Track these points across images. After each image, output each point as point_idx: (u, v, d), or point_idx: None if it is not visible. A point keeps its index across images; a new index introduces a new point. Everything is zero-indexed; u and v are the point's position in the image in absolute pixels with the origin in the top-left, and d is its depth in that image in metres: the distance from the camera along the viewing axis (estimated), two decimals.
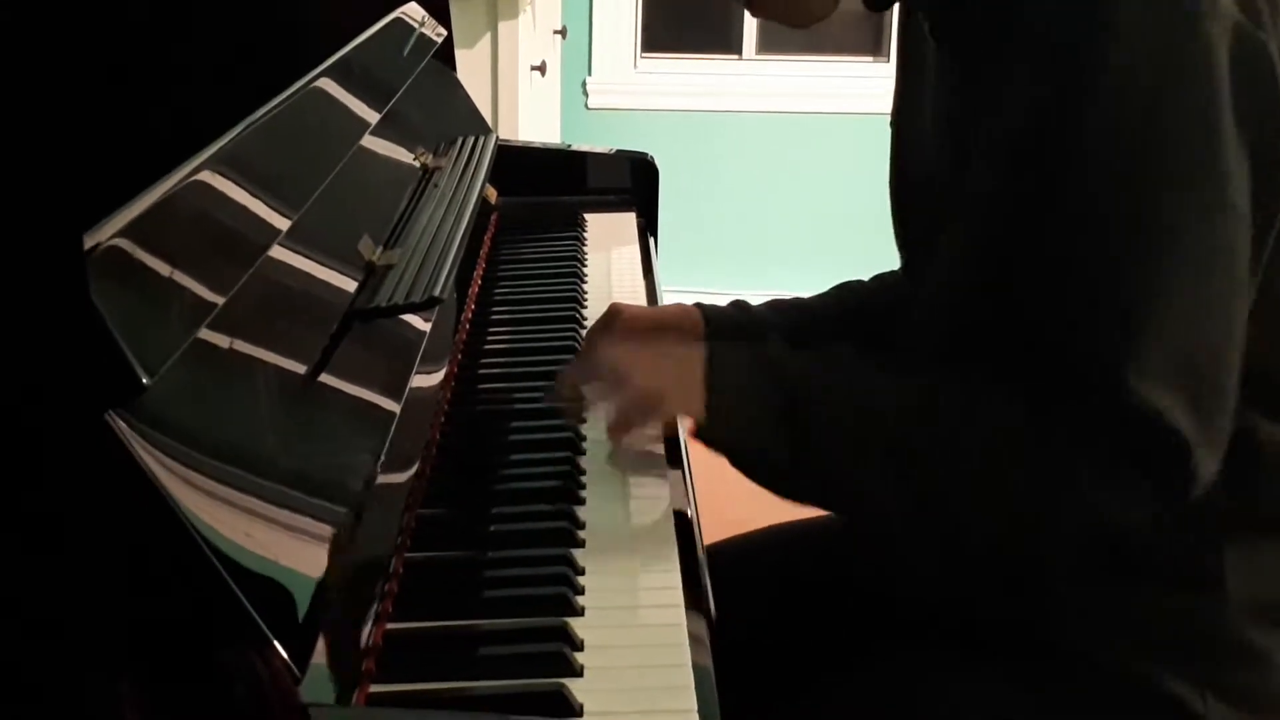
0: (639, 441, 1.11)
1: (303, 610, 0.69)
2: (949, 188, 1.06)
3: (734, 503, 1.93)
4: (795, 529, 1.36)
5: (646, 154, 1.83)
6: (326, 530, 0.76)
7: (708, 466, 1.17)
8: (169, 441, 0.66)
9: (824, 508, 1.12)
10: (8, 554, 0.65)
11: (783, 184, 3.95)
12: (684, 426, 1.16)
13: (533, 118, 2.73)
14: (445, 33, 1.78)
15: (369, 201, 1.20)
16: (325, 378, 0.89)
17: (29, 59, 0.68)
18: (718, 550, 1.32)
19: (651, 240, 1.74)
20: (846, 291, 1.36)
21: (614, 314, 1.28)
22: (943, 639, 1.12)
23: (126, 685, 0.65)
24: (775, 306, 1.34)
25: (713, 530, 1.13)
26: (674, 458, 1.12)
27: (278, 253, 0.90)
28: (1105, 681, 1.04)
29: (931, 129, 1.12)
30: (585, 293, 1.50)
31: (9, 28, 0.66)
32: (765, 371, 1.05)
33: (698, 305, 1.33)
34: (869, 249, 1.40)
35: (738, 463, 1.07)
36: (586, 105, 3.88)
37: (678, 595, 0.91)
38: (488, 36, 2.45)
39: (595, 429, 1.14)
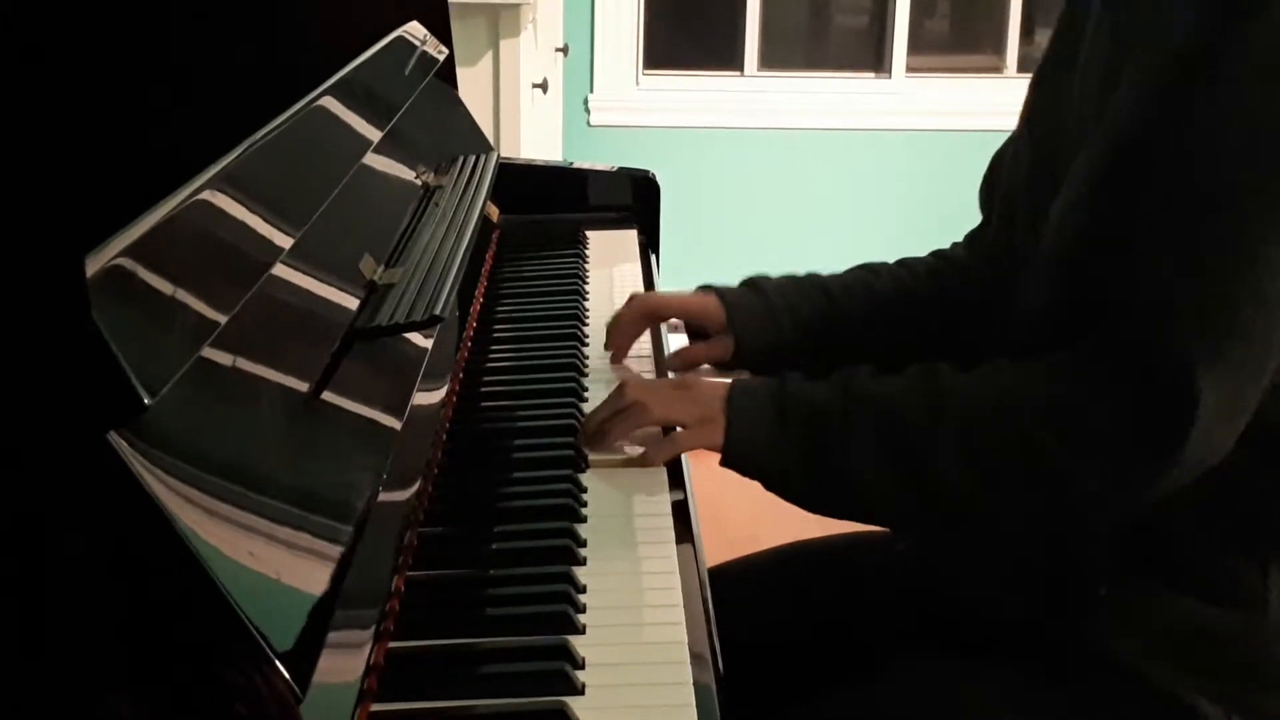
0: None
1: (304, 629, 0.69)
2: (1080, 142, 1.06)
3: (736, 521, 1.93)
4: (800, 548, 1.36)
5: (648, 171, 1.84)
6: (328, 549, 0.76)
7: (710, 484, 1.17)
8: (170, 460, 0.66)
9: (851, 519, 1.13)
10: (8, 572, 0.65)
11: (784, 200, 3.95)
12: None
13: (534, 135, 2.73)
14: (447, 51, 1.78)
15: (370, 220, 1.20)
16: (327, 396, 0.89)
17: (31, 79, 0.68)
18: (722, 570, 1.32)
19: (653, 257, 1.74)
20: (874, 276, 1.36)
21: (635, 297, 1.35)
22: (958, 649, 1.12)
23: (127, 704, 0.65)
24: (799, 285, 1.35)
25: (715, 548, 1.13)
26: (676, 476, 1.12)
27: (279, 271, 0.90)
28: (1129, 693, 1.04)
29: (1079, 88, 1.11)
30: (587, 310, 1.50)
31: (11, 48, 0.66)
32: (784, 399, 1.08)
33: (714, 291, 1.34)
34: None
35: (765, 485, 1.10)
36: (588, 122, 3.89)
37: (679, 613, 0.91)
38: (489, 54, 2.46)
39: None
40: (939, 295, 1.31)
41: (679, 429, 1.12)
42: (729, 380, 1.13)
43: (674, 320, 1.39)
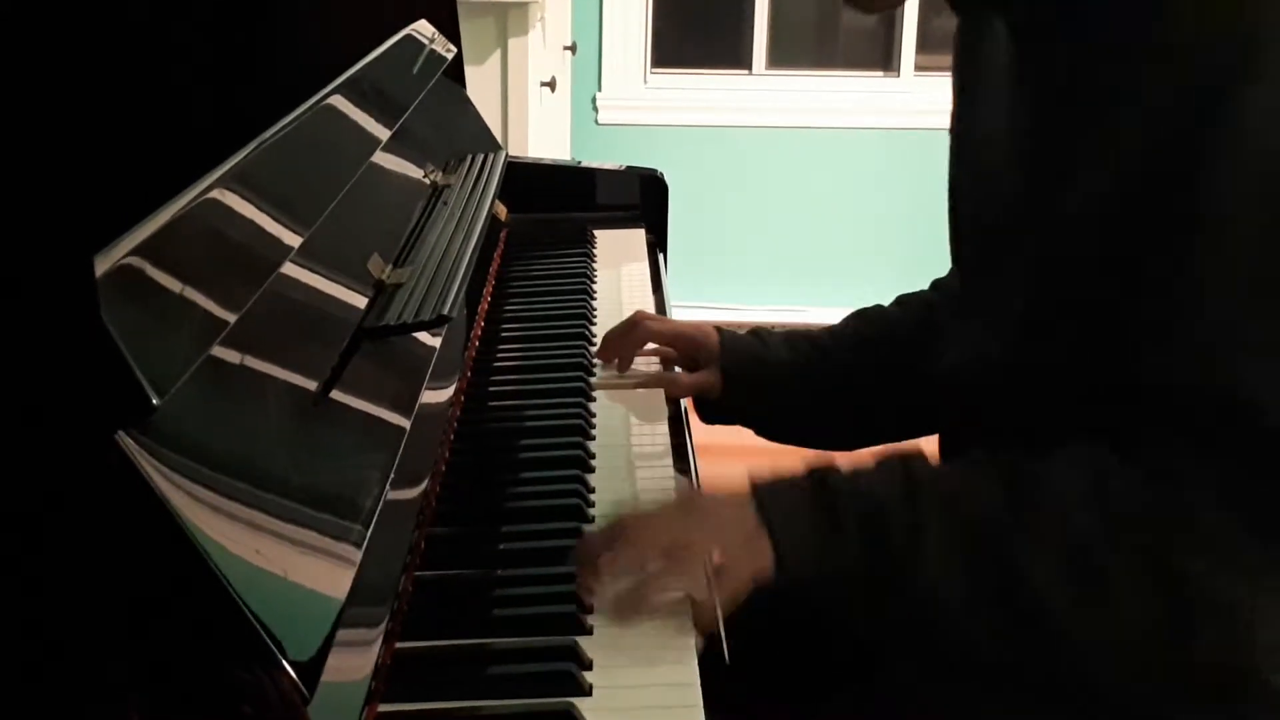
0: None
1: (312, 629, 0.69)
2: (1024, 199, 0.99)
3: None
4: None
5: (656, 170, 1.84)
6: (336, 548, 0.76)
7: (715, 485, 1.17)
8: (178, 460, 0.66)
9: (927, 638, 0.97)
10: (17, 572, 0.65)
11: (792, 199, 3.95)
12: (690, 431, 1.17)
13: (543, 134, 2.73)
14: (455, 49, 1.78)
15: (379, 219, 1.20)
16: (335, 396, 0.89)
17: (39, 80, 0.68)
18: None
19: (661, 256, 1.74)
20: (864, 323, 1.32)
21: (634, 323, 1.30)
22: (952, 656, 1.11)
23: (134, 704, 0.65)
24: (791, 340, 1.32)
25: None
26: (683, 472, 1.12)
27: (288, 270, 0.90)
28: (1118, 712, 1.03)
29: (1004, 137, 1.04)
30: (595, 309, 1.50)
31: (19, 48, 0.67)
32: (826, 497, 0.93)
33: (716, 329, 1.32)
34: (879, 264, 1.40)
35: (824, 600, 0.97)
36: (596, 121, 3.89)
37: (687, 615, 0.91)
38: (498, 53, 2.46)
39: (604, 442, 1.15)
40: (929, 334, 1.26)
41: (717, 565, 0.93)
42: (726, 496, 0.96)
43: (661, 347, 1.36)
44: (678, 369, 1.35)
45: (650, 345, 1.35)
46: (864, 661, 1.19)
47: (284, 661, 0.64)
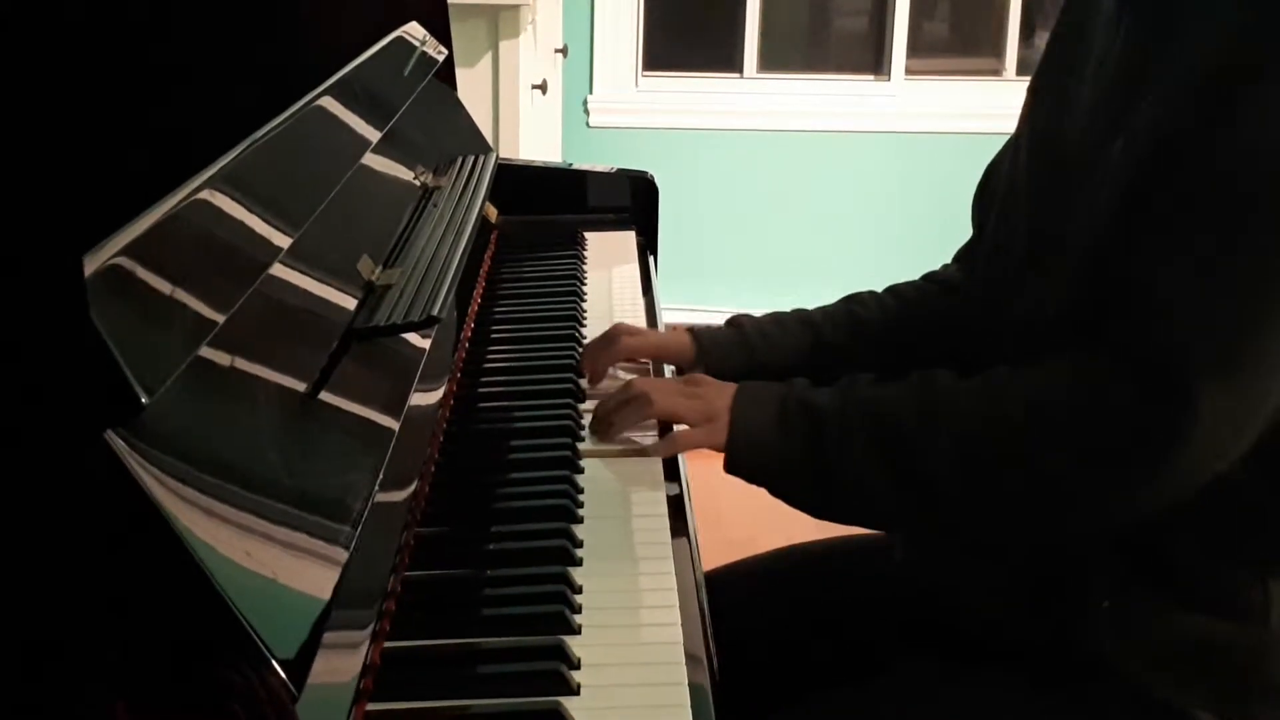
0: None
1: (300, 629, 0.69)
2: (1097, 149, 1.05)
3: (735, 523, 1.94)
4: (797, 551, 1.36)
5: (646, 172, 1.84)
6: (325, 549, 0.76)
7: (708, 486, 1.18)
8: (167, 460, 0.66)
9: (852, 523, 1.13)
10: (4, 570, 0.65)
11: (783, 202, 3.95)
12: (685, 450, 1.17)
13: (534, 136, 2.74)
14: (446, 51, 1.78)
15: (369, 220, 1.21)
16: (324, 396, 0.89)
17: (30, 79, 0.68)
18: (719, 573, 1.32)
19: (651, 258, 1.74)
20: (857, 305, 1.34)
21: (615, 333, 1.30)
22: (955, 655, 1.12)
23: (123, 704, 0.65)
24: (779, 320, 1.33)
25: (711, 550, 1.13)
26: (672, 477, 1.12)
27: (277, 271, 0.90)
28: (1129, 704, 1.04)
29: (1090, 93, 1.10)
30: (585, 311, 1.50)
31: (10, 46, 0.67)
32: (786, 401, 1.09)
33: (690, 330, 1.33)
34: (869, 266, 1.41)
35: (768, 489, 1.11)
36: (588, 123, 3.89)
37: (675, 614, 0.92)
38: (489, 55, 2.46)
39: (593, 443, 1.15)
40: (928, 319, 1.30)
41: (682, 427, 1.13)
42: (721, 384, 1.13)
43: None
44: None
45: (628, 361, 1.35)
46: (864, 661, 1.20)
47: (273, 660, 0.64)
